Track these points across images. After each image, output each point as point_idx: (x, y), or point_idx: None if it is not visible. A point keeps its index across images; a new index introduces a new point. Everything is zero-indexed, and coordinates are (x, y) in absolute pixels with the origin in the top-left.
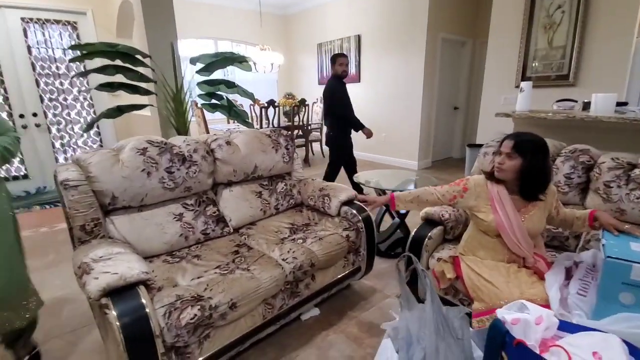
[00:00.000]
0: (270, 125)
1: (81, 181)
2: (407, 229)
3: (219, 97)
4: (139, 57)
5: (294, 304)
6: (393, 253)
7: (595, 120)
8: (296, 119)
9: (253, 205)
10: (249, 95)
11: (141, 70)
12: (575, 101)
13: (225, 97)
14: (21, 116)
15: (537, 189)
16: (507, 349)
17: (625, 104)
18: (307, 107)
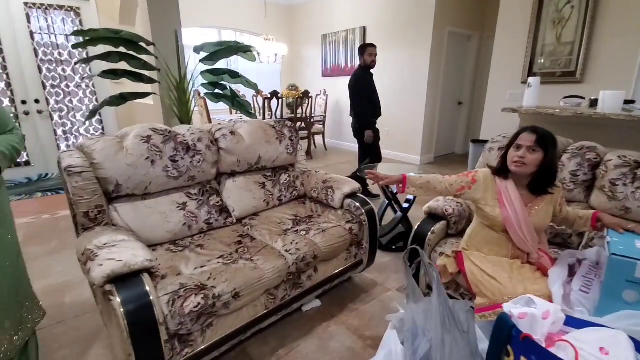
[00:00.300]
0: (273, 117)
1: (85, 168)
2: (409, 223)
3: (222, 86)
4: (142, 44)
5: (296, 295)
6: (395, 247)
7: (603, 117)
8: (299, 111)
9: (256, 196)
10: (252, 85)
11: (145, 58)
12: (583, 98)
13: (228, 87)
14: (23, 102)
15: (549, 182)
16: (513, 342)
17: (633, 102)
18: (310, 99)
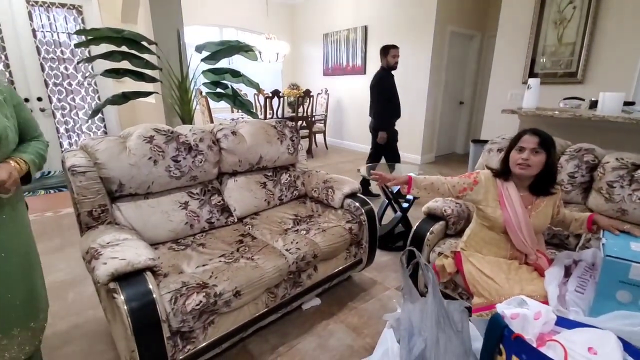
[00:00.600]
0: (275, 116)
1: (89, 167)
2: (408, 223)
3: (224, 86)
4: (144, 43)
5: (296, 293)
6: (394, 246)
7: (602, 119)
8: (300, 110)
9: (257, 196)
10: (254, 85)
11: (147, 57)
12: (583, 99)
13: (230, 86)
14: (26, 100)
15: (549, 184)
16: (505, 342)
17: (633, 103)
18: (311, 99)
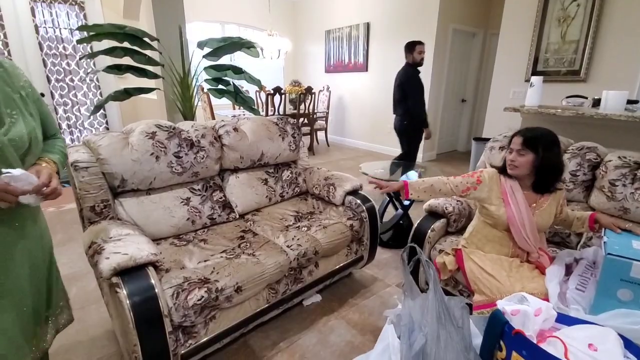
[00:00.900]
0: (276, 113)
1: (91, 163)
2: (409, 220)
3: (225, 82)
4: (146, 39)
5: (296, 289)
6: (394, 243)
7: (605, 118)
8: (302, 107)
9: (259, 192)
10: (256, 81)
11: (149, 53)
12: (585, 97)
13: (232, 83)
14: None
15: (551, 182)
16: (505, 338)
17: (636, 102)
18: (313, 95)
